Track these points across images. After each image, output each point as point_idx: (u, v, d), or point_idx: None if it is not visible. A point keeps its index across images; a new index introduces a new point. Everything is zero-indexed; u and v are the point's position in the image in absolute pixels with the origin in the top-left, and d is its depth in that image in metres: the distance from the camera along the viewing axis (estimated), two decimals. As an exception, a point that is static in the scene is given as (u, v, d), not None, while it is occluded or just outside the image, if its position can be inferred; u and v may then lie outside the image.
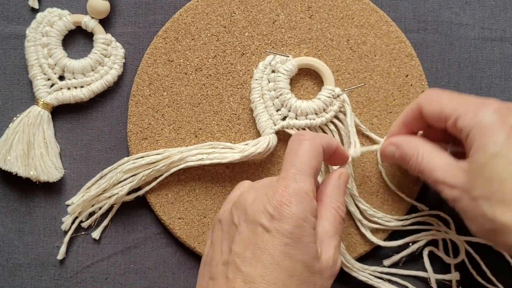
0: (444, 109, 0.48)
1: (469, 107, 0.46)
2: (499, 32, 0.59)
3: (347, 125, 0.56)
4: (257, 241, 0.43)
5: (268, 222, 0.43)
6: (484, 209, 0.44)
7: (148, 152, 0.57)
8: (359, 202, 0.56)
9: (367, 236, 0.56)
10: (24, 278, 0.58)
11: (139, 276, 0.58)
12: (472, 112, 0.46)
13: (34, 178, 0.56)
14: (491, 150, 0.44)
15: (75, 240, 0.58)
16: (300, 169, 0.45)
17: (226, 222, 0.46)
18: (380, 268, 0.57)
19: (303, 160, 0.46)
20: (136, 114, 0.58)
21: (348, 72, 0.57)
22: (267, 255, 0.42)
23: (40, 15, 0.58)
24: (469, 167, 0.45)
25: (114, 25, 0.60)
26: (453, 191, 0.46)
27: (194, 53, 0.58)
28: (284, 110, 0.57)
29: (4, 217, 0.58)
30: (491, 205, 0.43)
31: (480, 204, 0.44)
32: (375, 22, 0.58)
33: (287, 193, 0.44)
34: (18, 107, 0.59)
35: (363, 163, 0.57)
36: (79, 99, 0.58)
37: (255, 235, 0.43)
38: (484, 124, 0.45)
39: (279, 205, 0.43)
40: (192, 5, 0.58)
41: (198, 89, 0.58)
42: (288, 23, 0.58)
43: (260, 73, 0.57)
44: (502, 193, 0.43)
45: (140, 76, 0.58)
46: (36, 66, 0.58)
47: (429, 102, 0.49)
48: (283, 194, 0.44)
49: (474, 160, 0.45)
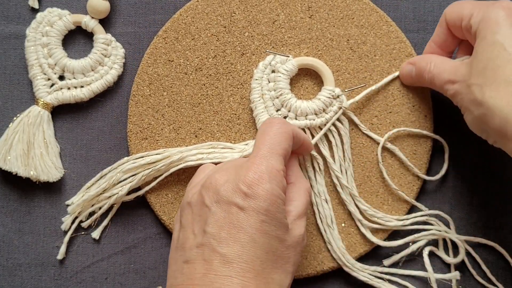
0: (462, 11, 0.50)
1: (482, 6, 0.49)
2: (499, 32, 0.59)
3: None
4: (232, 220, 0.43)
5: (243, 201, 0.43)
6: (476, 94, 0.46)
7: (148, 152, 0.57)
8: (359, 202, 0.56)
9: (367, 236, 0.56)
10: (24, 278, 0.58)
11: (139, 276, 0.58)
12: (483, 9, 0.48)
13: (34, 178, 0.56)
14: (491, 39, 0.46)
15: (75, 240, 0.58)
16: (272, 148, 0.46)
17: (196, 205, 0.46)
18: (380, 268, 0.57)
19: (274, 140, 0.47)
20: (136, 114, 0.58)
21: (348, 72, 0.57)
22: (243, 234, 0.42)
23: (40, 15, 0.58)
24: (470, 59, 0.48)
25: (114, 25, 0.60)
26: (454, 85, 0.49)
27: (194, 53, 0.58)
28: (284, 110, 0.57)
29: (4, 217, 0.58)
30: (482, 89, 0.46)
31: (473, 90, 0.46)
32: (375, 22, 0.58)
33: (260, 171, 0.44)
34: (18, 107, 0.59)
35: (363, 163, 0.57)
36: (79, 99, 0.58)
37: (229, 215, 0.43)
38: (490, 17, 0.47)
39: (252, 183, 0.44)
40: (192, 5, 0.58)
41: (198, 89, 0.58)
42: (288, 23, 0.58)
43: (260, 73, 0.57)
44: (493, 78, 0.45)
45: (140, 76, 0.58)
46: (36, 66, 0.58)
47: (451, 8, 0.52)
48: (256, 172, 0.44)
49: (475, 51, 0.47)
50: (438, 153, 0.58)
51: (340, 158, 0.57)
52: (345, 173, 0.57)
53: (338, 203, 0.57)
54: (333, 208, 0.57)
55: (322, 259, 0.56)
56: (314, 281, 0.57)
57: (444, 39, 0.54)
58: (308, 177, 0.56)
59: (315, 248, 0.56)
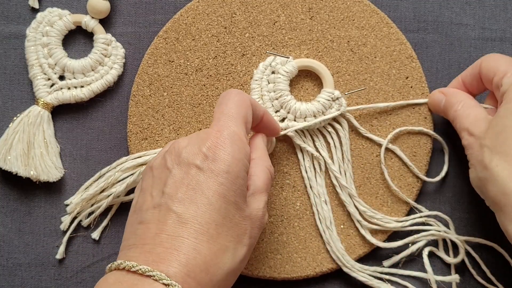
0: (498, 66, 0.50)
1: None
2: (499, 33, 0.59)
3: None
4: (191, 181, 0.43)
5: (202, 163, 0.43)
6: (485, 156, 0.47)
7: (146, 151, 0.57)
8: (358, 203, 0.56)
9: (367, 237, 0.56)
10: (24, 277, 0.58)
11: (139, 276, 0.58)
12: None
13: (34, 177, 0.56)
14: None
15: (75, 240, 0.58)
16: (231, 115, 0.46)
17: (157, 168, 0.46)
18: (380, 268, 0.57)
19: (233, 108, 0.47)
20: (136, 114, 0.58)
21: (348, 74, 0.57)
22: (200, 195, 0.42)
23: (40, 15, 0.58)
24: (492, 118, 0.48)
25: (115, 25, 0.60)
26: (470, 138, 0.50)
27: (194, 53, 0.58)
28: (283, 112, 0.57)
29: (4, 217, 0.58)
30: (491, 154, 0.46)
31: (483, 151, 0.47)
32: (376, 23, 0.57)
33: (222, 136, 0.44)
34: (18, 106, 0.59)
35: (363, 164, 0.57)
36: (79, 99, 0.58)
37: (188, 175, 0.43)
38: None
39: (213, 146, 0.44)
40: (193, 6, 0.58)
41: (199, 90, 0.58)
42: (288, 24, 0.58)
43: (260, 74, 0.57)
44: (505, 146, 0.45)
45: (140, 76, 0.58)
46: (36, 66, 0.58)
47: (489, 58, 0.52)
48: (218, 136, 0.44)
49: (498, 112, 0.48)
50: (438, 154, 0.58)
51: (339, 159, 0.57)
52: (344, 174, 0.57)
53: (337, 205, 0.57)
54: (332, 210, 0.57)
55: (321, 260, 0.56)
56: (313, 282, 0.57)
57: (472, 82, 0.54)
58: (308, 177, 0.57)
59: (314, 249, 0.56)
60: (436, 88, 0.58)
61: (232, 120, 0.46)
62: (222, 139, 0.44)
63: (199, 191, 0.42)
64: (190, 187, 0.43)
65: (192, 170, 0.43)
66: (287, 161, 0.57)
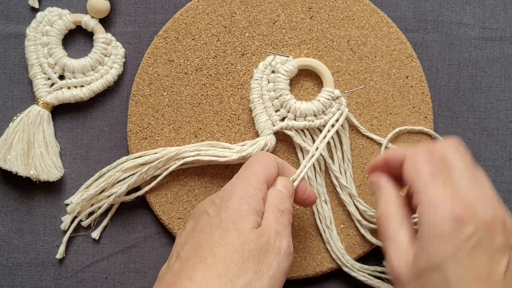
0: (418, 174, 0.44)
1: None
2: (499, 32, 0.59)
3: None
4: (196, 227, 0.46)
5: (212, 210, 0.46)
6: None
7: (146, 151, 0.57)
8: (359, 203, 0.56)
9: (367, 237, 0.56)
10: (24, 277, 0.58)
11: (139, 276, 0.58)
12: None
13: (34, 177, 0.56)
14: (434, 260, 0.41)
15: (75, 240, 0.58)
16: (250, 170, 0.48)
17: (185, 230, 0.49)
18: (380, 268, 0.57)
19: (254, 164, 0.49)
20: (136, 114, 0.58)
21: (348, 73, 0.57)
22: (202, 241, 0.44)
23: (40, 15, 0.58)
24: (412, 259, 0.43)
25: (114, 24, 0.60)
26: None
27: (194, 53, 0.58)
28: (283, 111, 0.57)
29: (4, 217, 0.58)
30: None
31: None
32: (376, 23, 0.57)
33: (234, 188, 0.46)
34: (18, 106, 0.59)
35: (363, 164, 0.57)
36: (79, 98, 0.58)
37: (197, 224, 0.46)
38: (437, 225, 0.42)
39: (225, 196, 0.46)
40: (193, 5, 0.58)
41: (198, 89, 0.58)
42: (288, 23, 0.58)
43: (260, 73, 0.57)
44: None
45: (140, 76, 0.58)
46: (36, 66, 0.58)
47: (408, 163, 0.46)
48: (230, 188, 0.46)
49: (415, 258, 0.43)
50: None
51: (339, 159, 0.57)
52: (345, 173, 0.57)
53: (337, 204, 0.57)
54: (332, 209, 0.57)
55: (321, 260, 0.56)
56: (313, 282, 0.57)
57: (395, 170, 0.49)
58: (307, 177, 0.57)
59: (314, 248, 0.57)
60: (435, 87, 0.58)
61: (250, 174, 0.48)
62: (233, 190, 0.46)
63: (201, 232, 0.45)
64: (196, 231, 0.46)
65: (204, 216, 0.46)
66: (287, 160, 0.57)
